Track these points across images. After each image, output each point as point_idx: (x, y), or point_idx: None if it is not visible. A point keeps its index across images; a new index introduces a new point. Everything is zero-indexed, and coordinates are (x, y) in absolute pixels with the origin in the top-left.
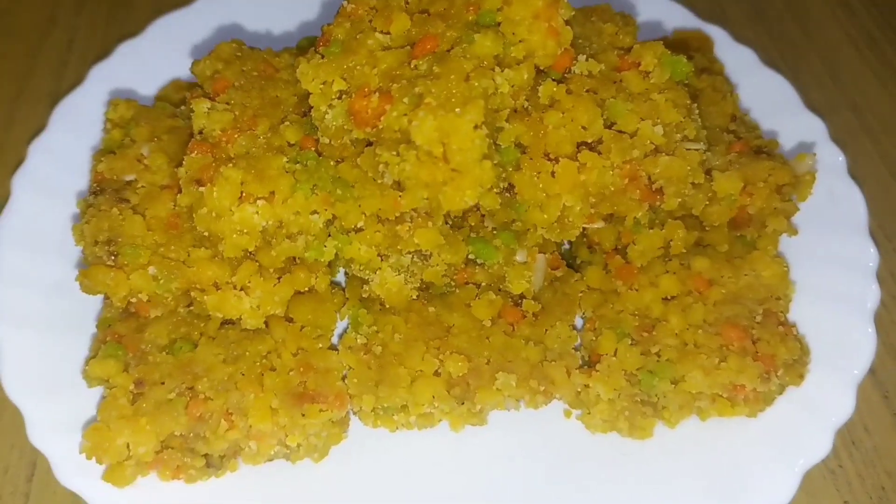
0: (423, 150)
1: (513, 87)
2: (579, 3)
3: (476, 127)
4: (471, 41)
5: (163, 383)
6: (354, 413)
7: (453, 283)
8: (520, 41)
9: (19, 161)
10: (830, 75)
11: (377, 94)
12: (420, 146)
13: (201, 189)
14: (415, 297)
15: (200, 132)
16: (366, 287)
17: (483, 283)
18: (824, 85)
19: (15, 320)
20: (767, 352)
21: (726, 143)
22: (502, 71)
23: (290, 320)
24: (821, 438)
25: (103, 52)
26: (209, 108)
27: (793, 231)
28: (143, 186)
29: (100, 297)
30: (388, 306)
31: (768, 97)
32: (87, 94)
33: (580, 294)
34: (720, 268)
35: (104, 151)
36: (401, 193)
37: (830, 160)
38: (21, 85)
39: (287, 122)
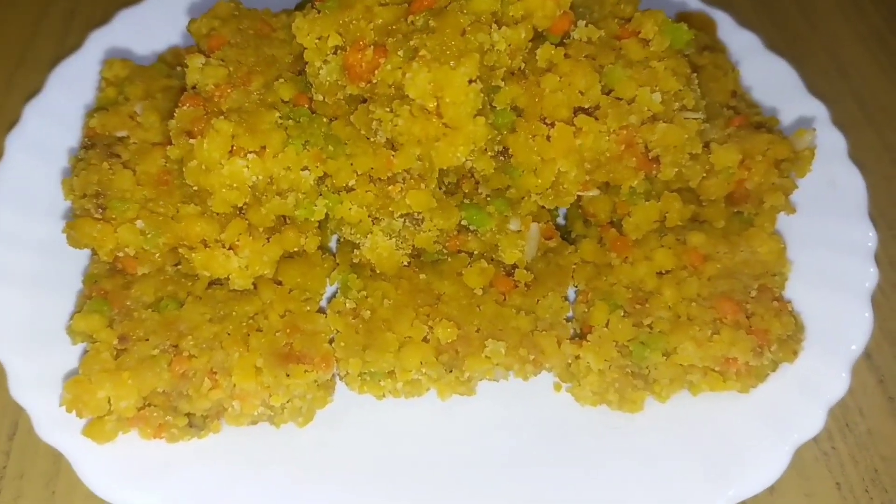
0: (416, 105)
1: (510, 45)
2: None
3: (470, 81)
4: None
5: (147, 340)
6: (341, 378)
7: (445, 251)
8: (518, 0)
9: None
10: (834, 65)
11: (372, 47)
12: (413, 100)
13: (192, 141)
14: (406, 263)
15: (194, 87)
16: (356, 252)
17: (475, 252)
18: (828, 74)
19: (1, 277)
20: (761, 326)
21: (726, 118)
22: (500, 28)
23: (280, 283)
24: (813, 416)
25: (105, 21)
26: (203, 64)
27: (790, 209)
28: (134, 143)
29: (87, 255)
30: (378, 272)
31: (771, 81)
32: (84, 57)
33: (574, 266)
34: (716, 243)
35: (98, 109)
36: (394, 153)
37: (831, 144)
38: (22, 52)
39: (281, 80)
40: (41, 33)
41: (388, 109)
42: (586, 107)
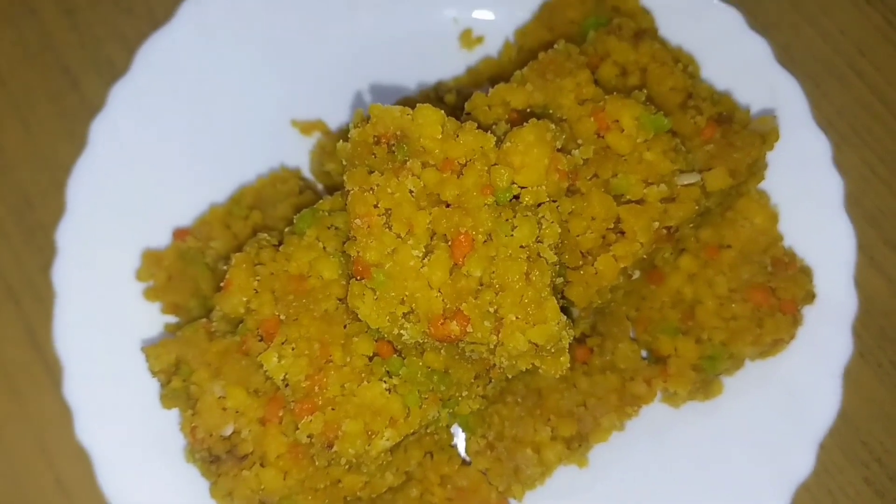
0: (514, 355)
1: (551, 243)
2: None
3: (558, 322)
4: (509, 234)
5: None
6: None
7: None
8: (540, 204)
9: None
10: None
11: (453, 321)
12: (513, 354)
13: (333, 450)
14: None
15: (286, 384)
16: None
17: None
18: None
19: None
20: (788, 297)
21: (694, 128)
22: (542, 241)
23: None
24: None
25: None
26: (279, 358)
27: (762, 177)
28: (248, 432)
29: None
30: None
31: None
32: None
33: (622, 308)
34: (720, 230)
35: (171, 399)
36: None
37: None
38: None
39: (354, 339)
40: None
41: (480, 345)
42: (611, 225)
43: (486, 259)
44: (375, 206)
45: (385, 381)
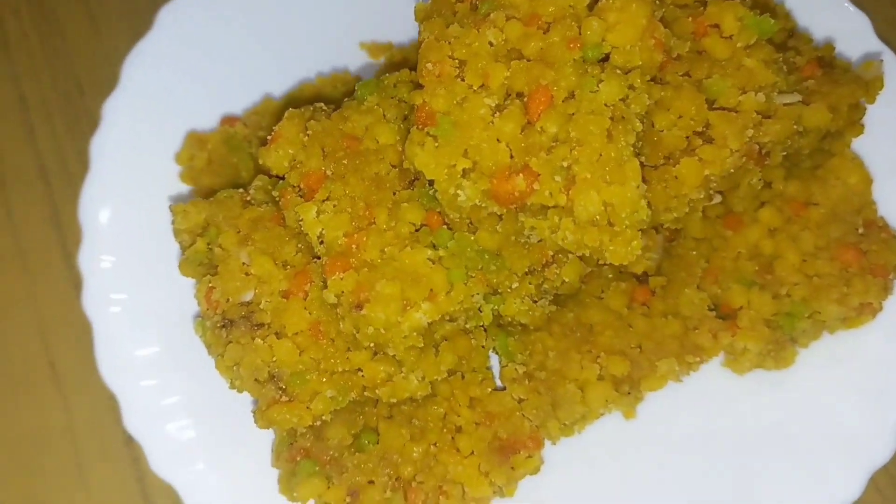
0: (582, 220)
1: (638, 112)
2: None
3: (638, 186)
4: (594, 89)
5: (371, 482)
6: None
7: (582, 283)
8: (633, 68)
9: None
10: None
11: (520, 175)
12: (583, 219)
13: (362, 312)
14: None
15: (321, 241)
16: (504, 316)
17: (608, 274)
18: None
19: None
20: (879, 262)
21: (794, 67)
22: (629, 108)
23: (448, 372)
24: None
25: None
26: (318, 213)
27: (862, 130)
28: (266, 301)
29: None
30: (530, 327)
31: None
32: (100, 177)
33: (693, 252)
34: (809, 186)
35: (191, 264)
36: (546, 244)
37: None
38: None
39: (403, 204)
40: None
41: (541, 217)
42: (699, 129)
43: (563, 116)
44: (450, 57)
45: (430, 252)
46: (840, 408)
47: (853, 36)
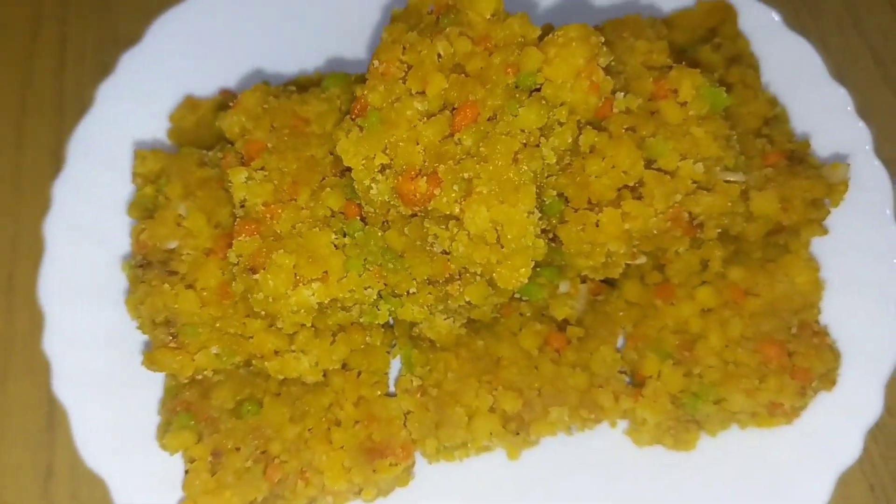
0: (476, 235)
1: (556, 146)
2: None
3: (529, 213)
4: (515, 113)
5: (238, 449)
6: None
7: (499, 314)
8: (561, 104)
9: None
10: (852, 21)
11: (424, 178)
12: (473, 233)
13: (255, 277)
14: (463, 332)
15: (242, 205)
16: (415, 328)
17: (527, 313)
18: (845, 31)
19: (78, 381)
20: (803, 365)
21: (760, 152)
22: (547, 140)
23: (346, 366)
24: (854, 441)
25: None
26: (247, 178)
27: (823, 232)
28: (188, 253)
29: None
30: (438, 344)
31: (792, 66)
32: (99, 118)
33: (620, 314)
34: (755, 275)
35: (138, 207)
36: (449, 258)
37: (856, 137)
38: (21, 96)
39: (328, 188)
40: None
41: (443, 227)
42: (631, 184)
43: (481, 133)
44: (400, 60)
45: (337, 237)
46: None
47: (854, 146)
